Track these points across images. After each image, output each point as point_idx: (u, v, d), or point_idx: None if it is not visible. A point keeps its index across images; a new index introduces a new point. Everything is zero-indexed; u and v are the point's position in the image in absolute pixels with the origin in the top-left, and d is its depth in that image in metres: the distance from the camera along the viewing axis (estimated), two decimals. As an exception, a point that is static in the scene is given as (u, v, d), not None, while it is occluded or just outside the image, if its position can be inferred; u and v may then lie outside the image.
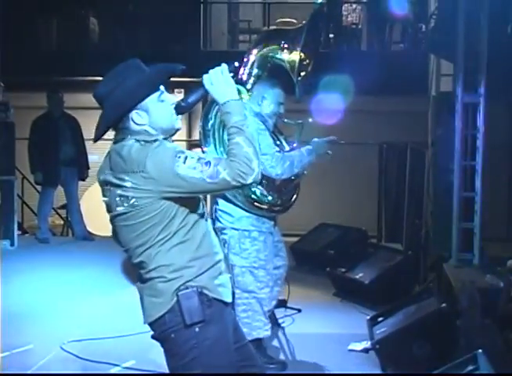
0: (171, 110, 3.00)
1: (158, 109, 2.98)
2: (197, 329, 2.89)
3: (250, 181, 2.84)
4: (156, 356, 5.17)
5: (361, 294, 6.85)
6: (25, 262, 8.44)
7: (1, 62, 9.74)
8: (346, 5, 12.93)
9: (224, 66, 3.02)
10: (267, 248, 5.04)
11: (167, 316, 2.91)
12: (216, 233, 3.15)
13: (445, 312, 5.10)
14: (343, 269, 7.27)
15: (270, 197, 5.10)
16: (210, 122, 5.06)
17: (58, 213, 11.10)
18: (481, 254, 6.87)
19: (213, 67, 3.01)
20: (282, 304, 6.33)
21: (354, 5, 12.80)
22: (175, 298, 2.90)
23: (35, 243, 9.57)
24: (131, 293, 7.14)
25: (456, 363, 4.32)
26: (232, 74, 3.03)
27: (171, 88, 14.00)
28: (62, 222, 11.22)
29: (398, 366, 5.02)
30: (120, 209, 2.92)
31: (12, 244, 9.17)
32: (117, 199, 2.92)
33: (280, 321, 6.07)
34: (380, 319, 5.67)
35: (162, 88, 3.01)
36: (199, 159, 2.84)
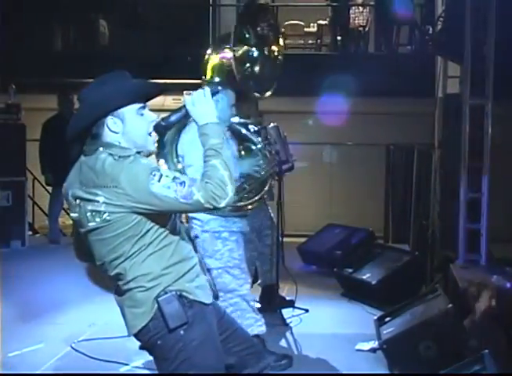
0: (147, 127, 3.00)
1: (134, 121, 2.96)
2: (182, 332, 2.93)
3: (223, 205, 2.84)
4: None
5: (368, 294, 6.87)
6: (36, 262, 8.50)
7: (12, 64, 9.81)
8: (354, 7, 12.96)
9: (207, 89, 3.03)
10: (240, 247, 5.04)
11: (151, 324, 2.93)
12: (191, 239, 3.15)
13: (451, 312, 5.09)
14: (350, 270, 7.29)
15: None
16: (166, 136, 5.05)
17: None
18: (487, 254, 6.88)
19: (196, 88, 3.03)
20: (290, 304, 6.38)
21: (361, 8, 12.80)
22: (156, 305, 2.91)
23: (46, 243, 9.64)
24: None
25: (462, 364, 4.35)
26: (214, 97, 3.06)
27: (180, 91, 14.07)
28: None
29: (405, 366, 5.02)
30: (91, 224, 2.90)
31: (23, 244, 9.24)
32: (88, 214, 2.89)
33: (288, 321, 6.11)
34: (387, 319, 5.68)
35: (147, 103, 3.01)
36: (174, 178, 2.82)
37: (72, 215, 3.03)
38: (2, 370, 4.96)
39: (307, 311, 6.50)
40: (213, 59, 5.16)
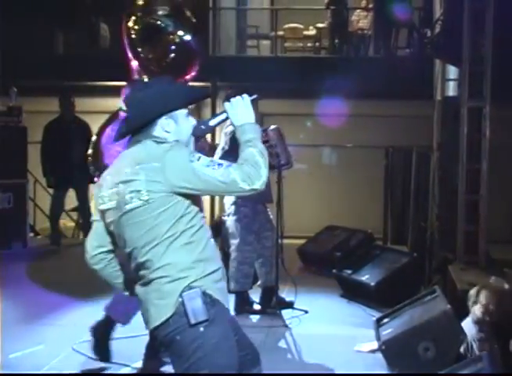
0: (190, 130, 3.18)
1: (184, 123, 3.15)
2: (202, 329, 2.93)
3: (256, 186, 2.96)
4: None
5: (367, 295, 6.89)
6: (37, 263, 8.53)
7: (13, 67, 9.84)
8: (358, 11, 13.01)
9: (245, 95, 3.19)
10: None
11: (172, 318, 2.94)
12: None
13: (450, 313, 5.12)
14: (349, 271, 7.31)
15: None
16: None
17: (69, 215, 11.18)
18: (485, 256, 6.92)
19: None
20: (289, 305, 6.41)
21: (365, 12, 12.86)
22: (180, 299, 2.93)
23: (47, 245, 9.66)
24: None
25: (461, 364, 4.39)
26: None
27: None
28: (73, 225, 11.30)
29: (404, 366, 5.03)
30: (129, 206, 2.98)
31: (24, 246, 9.28)
32: (127, 196, 2.98)
33: (288, 322, 6.12)
34: (386, 320, 5.69)
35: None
36: (211, 161, 2.99)
37: (106, 206, 3.10)
38: (3, 370, 4.97)
39: (306, 312, 6.53)
40: None
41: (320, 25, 13.32)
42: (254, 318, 6.37)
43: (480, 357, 4.36)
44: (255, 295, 6.57)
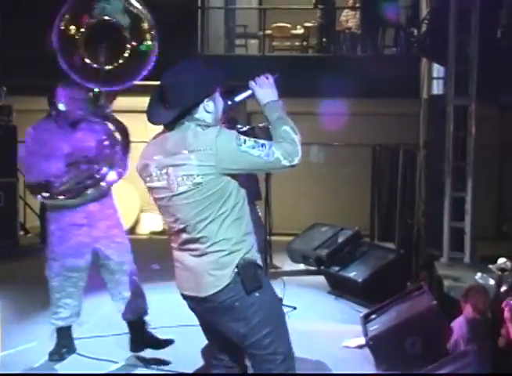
0: (222, 108, 3.38)
1: (219, 103, 3.36)
2: (257, 294, 3.24)
3: (295, 162, 3.23)
4: (155, 353, 5.33)
5: (354, 291, 6.95)
6: (27, 261, 8.54)
7: (3, 65, 9.83)
8: (346, 10, 13.04)
9: (269, 75, 3.46)
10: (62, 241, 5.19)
11: (230, 287, 3.22)
12: None
13: (436, 309, 5.20)
14: (337, 268, 7.36)
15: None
16: None
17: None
18: (471, 252, 6.98)
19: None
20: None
21: (354, 11, 12.89)
22: (236, 270, 3.21)
23: (37, 243, 9.65)
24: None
25: (447, 359, 4.45)
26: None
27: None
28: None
29: (391, 362, 5.10)
30: (182, 188, 3.20)
31: (15, 244, 9.28)
32: (179, 179, 3.20)
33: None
34: (373, 316, 5.76)
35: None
36: (255, 141, 3.20)
37: (154, 184, 3.32)
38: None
39: (295, 308, 6.57)
40: None
41: (308, 24, 13.35)
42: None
43: (466, 352, 4.41)
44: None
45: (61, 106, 5.20)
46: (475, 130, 6.95)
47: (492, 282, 5.89)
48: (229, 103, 3.41)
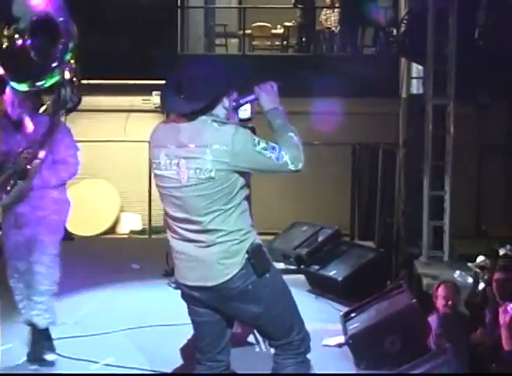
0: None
1: (231, 102, 3.46)
2: (268, 275, 3.40)
3: (299, 168, 3.38)
4: (135, 353, 5.34)
5: (334, 290, 6.96)
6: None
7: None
8: (325, 10, 13.08)
9: (273, 83, 3.54)
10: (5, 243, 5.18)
11: (242, 272, 3.34)
12: None
13: (415, 307, 5.23)
14: (317, 267, 7.38)
15: None
16: None
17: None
18: (450, 251, 7.04)
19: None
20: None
21: (332, 11, 12.94)
22: (246, 255, 3.33)
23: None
24: (111, 292, 7.25)
25: (426, 357, 4.48)
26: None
27: (149, 91, 14.05)
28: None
29: (370, 360, 5.13)
30: (193, 181, 3.29)
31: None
32: (191, 171, 3.28)
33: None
34: (353, 314, 5.78)
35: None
36: (267, 143, 3.33)
37: (160, 172, 3.40)
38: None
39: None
40: None
41: (288, 24, 13.39)
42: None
43: (445, 350, 4.45)
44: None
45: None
46: (454, 129, 7.02)
47: (470, 280, 5.95)
48: (234, 103, 3.50)
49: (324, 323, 6.16)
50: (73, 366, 5.09)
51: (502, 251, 6.36)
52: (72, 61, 5.05)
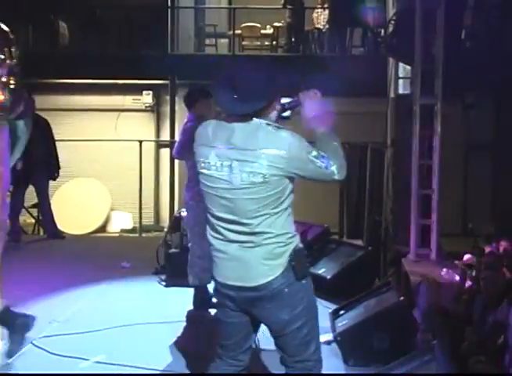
0: None
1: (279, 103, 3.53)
2: (304, 281, 3.44)
3: (343, 177, 3.45)
4: (126, 350, 5.36)
5: (323, 288, 6.93)
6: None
7: None
8: (316, 10, 13.12)
9: (317, 90, 3.59)
10: None
11: (282, 275, 3.37)
12: None
13: (403, 305, 5.27)
14: (306, 265, 7.40)
15: None
16: None
17: (29, 212, 11.17)
18: (438, 249, 7.09)
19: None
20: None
21: (323, 9, 12.97)
22: (289, 259, 3.37)
23: (7, 241, 9.58)
24: (101, 289, 7.28)
25: (413, 354, 4.52)
26: None
27: (139, 91, 14.05)
28: (33, 221, 11.28)
29: (359, 357, 5.15)
30: (245, 184, 3.30)
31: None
32: (244, 174, 3.29)
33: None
34: (341, 312, 5.82)
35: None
36: (318, 152, 3.36)
37: (209, 172, 3.39)
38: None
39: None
40: None
41: (277, 24, 13.44)
42: (213, 312, 6.43)
43: (432, 347, 4.49)
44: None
45: None
46: (441, 129, 7.06)
47: (457, 278, 6.01)
48: (279, 107, 3.53)
49: (313, 321, 6.19)
50: (63, 364, 5.10)
51: (488, 249, 6.43)
52: (9, 62, 4.90)
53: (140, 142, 11.29)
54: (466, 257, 6.46)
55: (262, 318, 3.52)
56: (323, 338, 5.66)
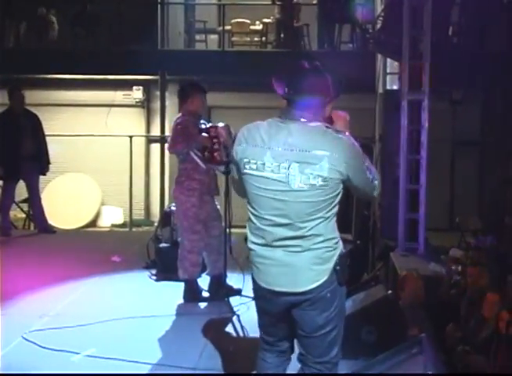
0: None
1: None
2: (343, 287, 3.44)
3: (377, 194, 3.53)
4: (116, 344, 5.39)
5: (312, 282, 7.02)
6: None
7: None
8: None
9: (347, 114, 3.55)
10: None
11: (328, 279, 3.35)
12: None
13: (391, 298, 5.30)
14: (295, 260, 7.43)
15: None
16: None
17: (20, 207, 11.16)
18: (425, 243, 7.14)
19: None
20: (237, 293, 6.53)
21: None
22: (334, 263, 3.35)
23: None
24: (92, 284, 7.31)
25: (401, 347, 4.56)
26: None
27: (129, 86, 14.03)
28: (24, 216, 11.28)
29: (347, 350, 5.14)
30: (303, 186, 3.25)
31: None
32: (304, 177, 3.24)
33: (236, 309, 6.24)
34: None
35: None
36: (369, 162, 3.40)
37: (263, 173, 3.32)
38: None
39: (253, 299, 6.62)
40: None
41: (266, 20, 13.45)
42: (203, 305, 6.48)
43: (419, 340, 4.53)
44: (204, 284, 6.70)
45: None
46: (429, 124, 7.11)
47: (444, 272, 6.07)
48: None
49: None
50: (54, 358, 5.12)
51: (474, 244, 6.50)
52: None
53: (130, 137, 11.31)
54: (453, 251, 6.54)
55: (298, 319, 3.46)
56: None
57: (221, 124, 6.24)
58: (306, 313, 3.42)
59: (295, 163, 3.24)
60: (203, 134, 6.16)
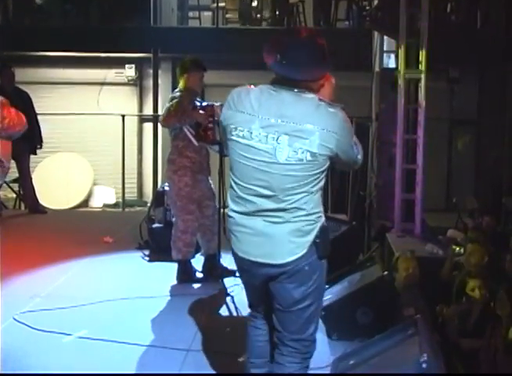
0: None
1: None
2: (323, 261, 3.40)
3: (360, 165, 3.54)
4: (108, 325, 5.35)
5: (307, 263, 7.00)
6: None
7: None
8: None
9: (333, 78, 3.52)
10: None
11: (307, 252, 3.30)
12: None
13: (387, 279, 5.29)
14: (290, 240, 7.39)
15: None
16: None
17: (10, 187, 11.08)
18: (422, 224, 7.11)
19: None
20: (231, 273, 6.49)
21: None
22: (315, 236, 3.30)
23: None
24: (84, 264, 7.26)
25: (396, 328, 4.53)
26: None
27: (122, 64, 13.91)
28: (14, 196, 11.20)
29: (343, 331, 5.18)
30: (291, 160, 3.18)
31: None
32: (291, 150, 3.17)
33: (230, 290, 6.18)
34: (325, 286, 5.83)
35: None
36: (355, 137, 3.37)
37: (249, 142, 3.24)
38: None
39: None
40: None
41: (262, -3, 13.33)
42: (197, 286, 6.45)
43: (415, 321, 4.50)
44: (198, 264, 6.65)
45: None
46: (426, 103, 7.05)
47: (441, 252, 6.03)
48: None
49: (297, 295, 6.20)
50: (46, 339, 5.09)
51: (471, 224, 6.45)
52: None
53: (123, 116, 11.21)
54: (451, 232, 6.49)
55: (275, 292, 3.43)
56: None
57: (217, 103, 6.18)
58: (283, 286, 3.37)
59: (284, 135, 3.17)
60: (200, 111, 6.10)
